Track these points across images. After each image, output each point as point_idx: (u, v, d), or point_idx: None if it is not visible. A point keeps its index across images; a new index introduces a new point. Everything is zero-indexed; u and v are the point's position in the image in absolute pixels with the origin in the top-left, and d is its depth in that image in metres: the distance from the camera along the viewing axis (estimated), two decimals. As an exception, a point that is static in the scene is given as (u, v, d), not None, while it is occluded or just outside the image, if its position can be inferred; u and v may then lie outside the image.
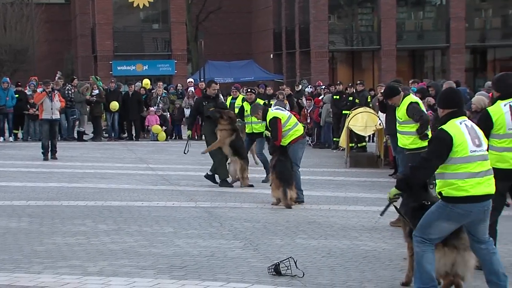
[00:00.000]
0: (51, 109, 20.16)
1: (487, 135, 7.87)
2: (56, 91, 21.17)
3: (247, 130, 16.83)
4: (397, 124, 11.99)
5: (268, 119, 13.58)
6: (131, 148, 24.52)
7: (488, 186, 6.90)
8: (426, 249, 6.96)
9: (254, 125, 16.32)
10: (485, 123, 8.11)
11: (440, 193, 6.94)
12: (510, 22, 47.97)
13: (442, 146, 6.83)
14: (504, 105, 8.31)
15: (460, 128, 6.89)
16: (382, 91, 14.65)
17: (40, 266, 8.40)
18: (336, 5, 47.57)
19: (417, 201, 7.35)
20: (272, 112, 13.70)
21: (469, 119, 7.16)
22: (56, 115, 20.48)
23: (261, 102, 16.88)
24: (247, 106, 16.55)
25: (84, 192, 14.28)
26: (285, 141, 13.40)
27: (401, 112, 11.77)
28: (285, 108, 18.40)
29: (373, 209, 12.62)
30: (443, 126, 6.94)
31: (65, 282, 7.74)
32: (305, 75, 45.04)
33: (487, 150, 7.10)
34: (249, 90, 17.74)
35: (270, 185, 13.34)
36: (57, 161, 19.80)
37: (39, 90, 20.79)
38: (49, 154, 20.06)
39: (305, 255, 9.06)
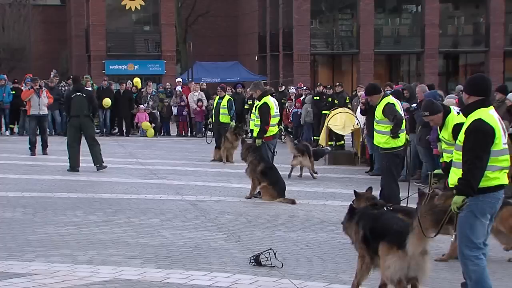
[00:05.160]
0: (39, 105, 19.86)
1: None
2: (44, 88, 20.96)
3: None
4: (374, 123, 12.05)
5: (261, 102, 13.60)
6: (121, 144, 24.43)
7: (506, 178, 6.49)
8: (484, 264, 6.34)
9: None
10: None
11: None
12: (481, 30, 48.11)
13: (488, 139, 6.26)
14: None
15: (496, 120, 6.37)
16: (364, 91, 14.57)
17: (32, 255, 8.35)
18: (318, 11, 47.56)
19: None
20: (268, 99, 13.74)
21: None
22: (44, 111, 20.16)
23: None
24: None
25: (76, 184, 14.21)
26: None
27: (378, 112, 11.84)
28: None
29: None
30: (482, 117, 6.31)
31: (56, 270, 7.70)
32: (288, 76, 45.01)
33: None
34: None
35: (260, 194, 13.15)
36: (51, 154, 19.65)
37: (25, 87, 20.44)
38: (39, 149, 19.73)
39: (284, 247, 9.06)
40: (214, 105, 20.75)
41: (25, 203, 11.87)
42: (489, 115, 6.37)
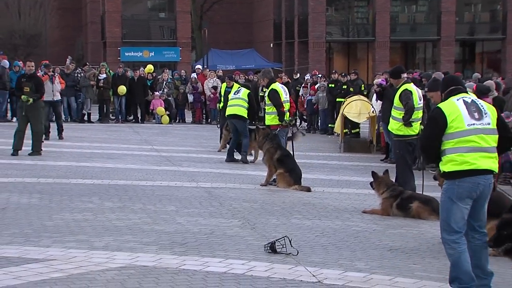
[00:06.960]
0: (52, 91, 20.13)
1: None
2: (56, 74, 21.11)
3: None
4: (392, 109, 12.14)
5: (269, 89, 13.96)
6: (136, 130, 24.49)
7: (493, 163, 6.50)
8: (461, 249, 6.44)
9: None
10: None
11: (444, 173, 6.54)
12: (497, 17, 47.79)
13: (436, 124, 6.49)
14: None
15: (456, 104, 6.52)
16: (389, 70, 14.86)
17: (49, 240, 8.40)
18: (333, -2, 47.47)
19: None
20: (276, 85, 14.08)
21: None
22: (57, 97, 20.51)
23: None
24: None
25: (92, 171, 14.27)
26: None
27: (396, 97, 11.94)
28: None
29: (364, 192, 12.63)
30: (440, 105, 6.62)
31: (72, 255, 7.74)
32: (303, 64, 44.95)
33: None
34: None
35: (275, 181, 13.15)
36: (66, 141, 19.75)
37: (40, 73, 20.49)
38: (54, 134, 19.88)
39: (300, 234, 9.05)
40: (223, 93, 20.46)
41: (41, 189, 11.93)
42: (450, 101, 6.59)
